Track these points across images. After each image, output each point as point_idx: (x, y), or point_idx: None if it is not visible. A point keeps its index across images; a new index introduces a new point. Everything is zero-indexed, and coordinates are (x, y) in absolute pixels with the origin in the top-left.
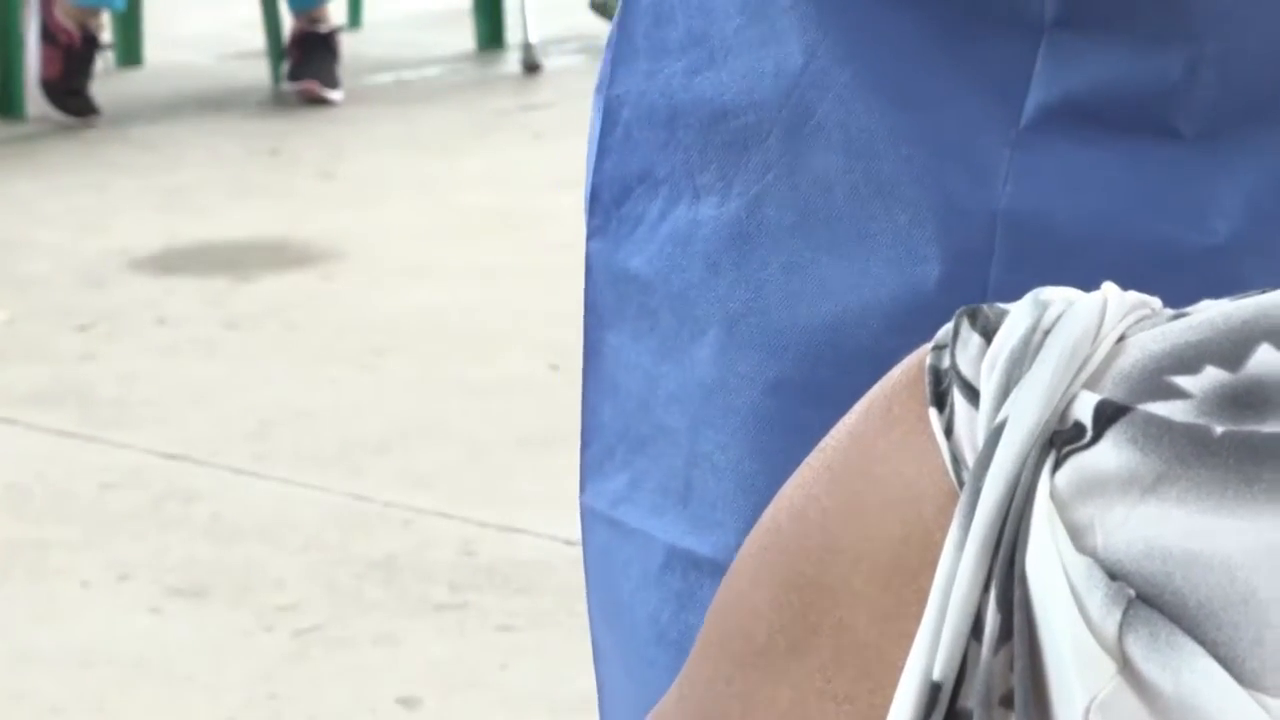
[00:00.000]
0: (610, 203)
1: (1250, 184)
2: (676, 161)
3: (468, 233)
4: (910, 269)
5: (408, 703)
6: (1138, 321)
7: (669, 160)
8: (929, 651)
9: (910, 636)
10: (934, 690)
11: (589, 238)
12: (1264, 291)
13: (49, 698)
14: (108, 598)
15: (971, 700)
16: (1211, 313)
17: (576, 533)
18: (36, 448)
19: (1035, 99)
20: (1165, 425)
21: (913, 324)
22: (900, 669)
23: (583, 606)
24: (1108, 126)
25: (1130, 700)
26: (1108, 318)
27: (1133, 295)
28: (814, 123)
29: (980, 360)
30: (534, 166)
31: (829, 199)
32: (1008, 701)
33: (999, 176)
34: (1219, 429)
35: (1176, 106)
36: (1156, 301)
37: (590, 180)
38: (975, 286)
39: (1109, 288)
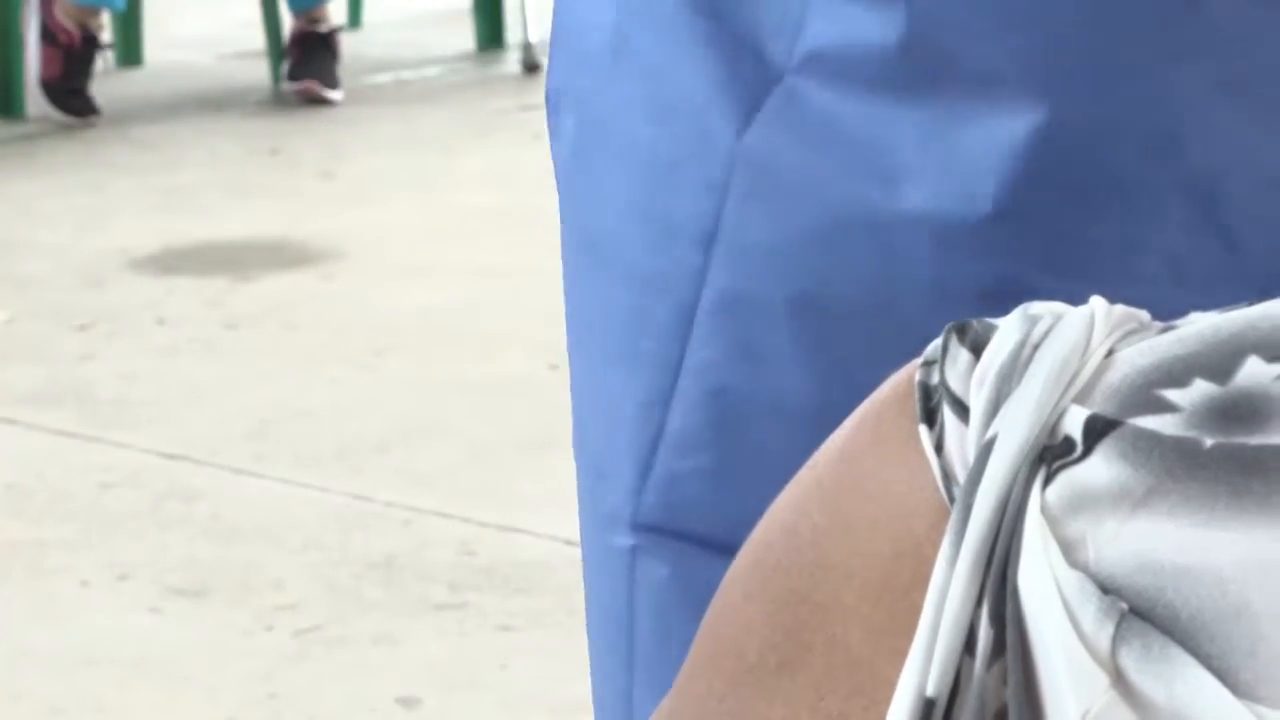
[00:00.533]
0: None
1: (962, 154)
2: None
3: (468, 233)
4: (666, 197)
5: (407, 703)
6: (1125, 335)
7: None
8: (922, 668)
9: (903, 653)
10: (928, 706)
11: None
12: (1252, 303)
13: (48, 697)
14: (107, 597)
15: (965, 716)
16: (1200, 325)
17: (576, 533)
18: (36, 448)
19: (803, 45)
20: (1155, 439)
21: (662, 238)
22: (893, 685)
23: (582, 606)
24: (852, 83)
25: (1124, 713)
26: (1096, 332)
27: (1120, 309)
28: (630, 49)
29: (969, 376)
30: (534, 166)
31: (624, 123)
32: (1002, 716)
33: (751, 114)
34: (1208, 442)
35: (897, 67)
36: (1144, 314)
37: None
38: (709, 219)
39: (1096, 301)
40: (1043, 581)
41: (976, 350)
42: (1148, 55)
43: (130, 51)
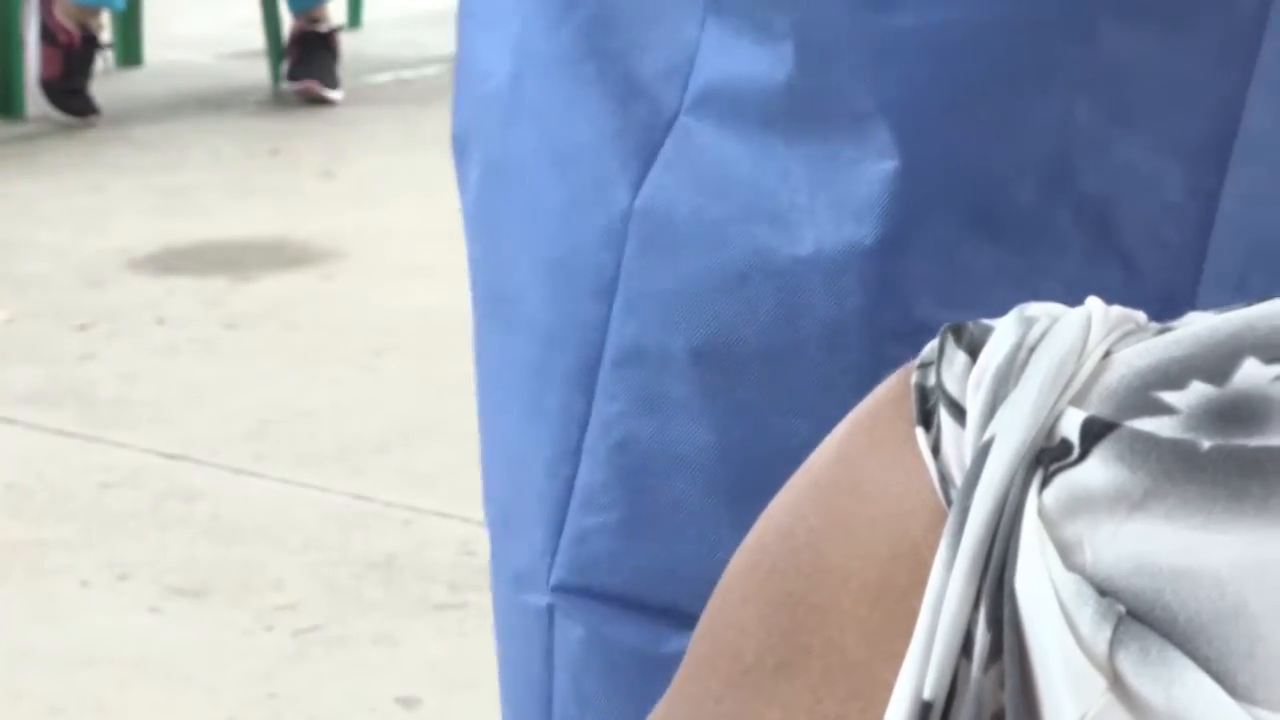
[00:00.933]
0: None
1: (850, 193)
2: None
3: None
4: (565, 247)
5: (407, 702)
6: (1123, 336)
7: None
8: (919, 671)
9: (900, 655)
10: (925, 709)
11: None
12: (1250, 304)
13: (48, 697)
14: (107, 597)
15: (963, 718)
16: (1196, 327)
17: None
18: (36, 447)
19: (695, 84)
20: (1153, 441)
21: (564, 290)
22: (890, 688)
23: None
24: (745, 122)
25: (1121, 716)
26: (1093, 333)
27: (1117, 310)
28: (525, 94)
29: (966, 378)
30: None
31: (523, 171)
32: (1000, 719)
33: (647, 159)
34: (1206, 444)
35: (786, 105)
36: (1141, 315)
37: None
38: (610, 269)
39: (1093, 302)
40: (1040, 584)
41: (973, 352)
42: (1037, 88)
43: (130, 51)
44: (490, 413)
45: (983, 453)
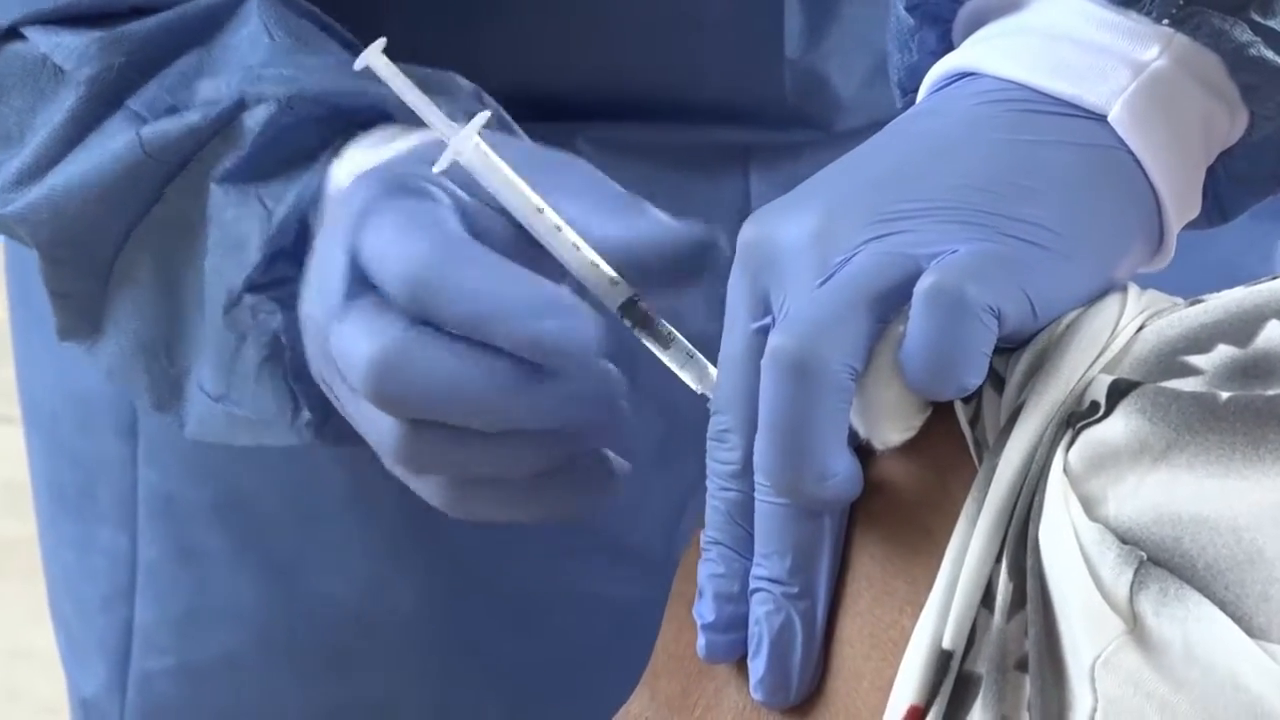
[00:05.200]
0: None
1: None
2: None
3: None
4: (80, 378)
5: None
6: (1157, 313)
7: None
8: (938, 621)
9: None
10: (944, 658)
11: None
12: (1276, 277)
13: (45, 697)
14: None
15: (980, 665)
16: (1225, 299)
17: None
18: None
19: None
20: (1174, 395)
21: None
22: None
23: None
24: None
25: (1133, 656)
26: (1127, 310)
27: (1152, 292)
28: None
29: (1007, 354)
30: None
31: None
32: (1022, 665)
33: None
34: (1224, 395)
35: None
36: (1177, 299)
37: None
38: (126, 410)
39: (1131, 286)
40: (1063, 534)
41: None
42: None
43: None
44: (51, 535)
45: (1014, 415)
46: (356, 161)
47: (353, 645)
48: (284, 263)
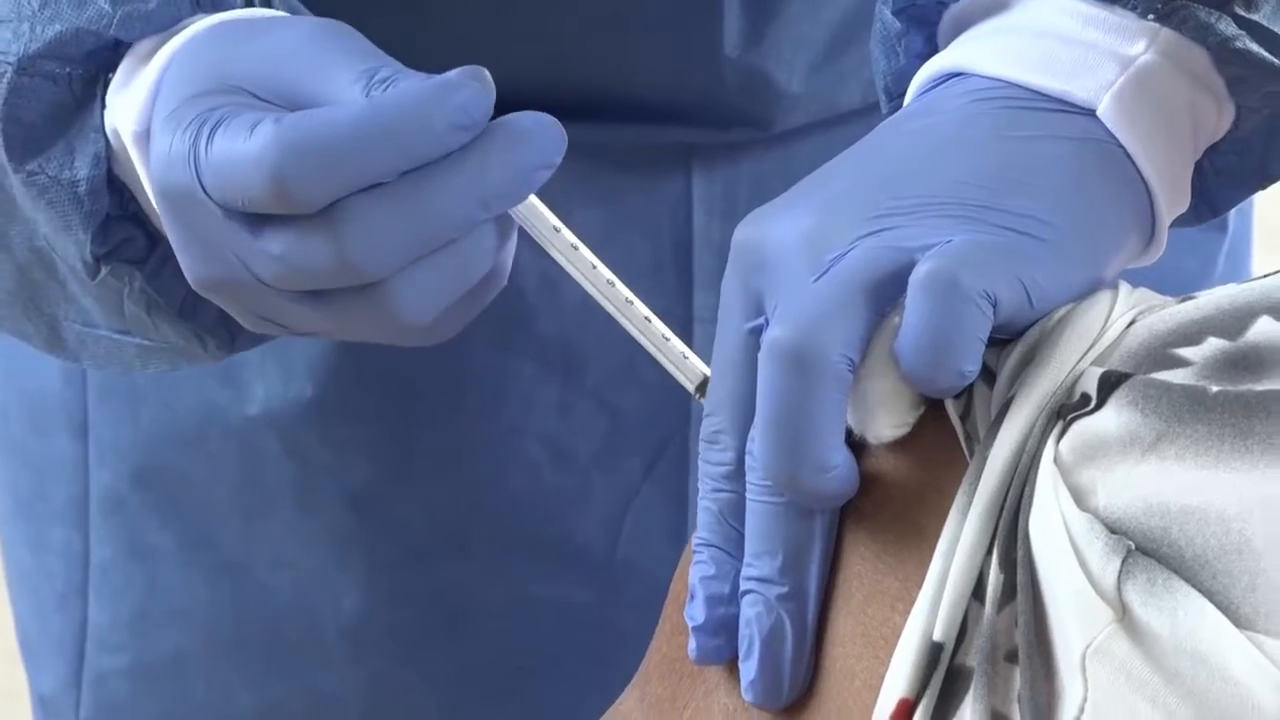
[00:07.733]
0: None
1: (293, 352)
2: None
3: None
4: (33, 378)
5: None
6: (1148, 309)
7: None
8: (929, 613)
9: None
10: (935, 650)
11: None
12: (1268, 275)
13: None
14: None
15: (971, 658)
16: (1217, 295)
17: None
18: None
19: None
20: (1164, 387)
21: (42, 422)
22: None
23: None
24: None
25: (1125, 645)
26: (1118, 306)
27: (1143, 290)
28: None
29: (999, 349)
30: None
31: None
32: (1012, 657)
33: None
34: (1214, 388)
35: None
36: (1167, 298)
37: None
38: (78, 410)
39: (1121, 283)
40: (1052, 525)
41: None
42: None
43: None
44: (8, 534)
45: (1005, 408)
46: (132, 100)
47: (297, 643)
48: (117, 225)
